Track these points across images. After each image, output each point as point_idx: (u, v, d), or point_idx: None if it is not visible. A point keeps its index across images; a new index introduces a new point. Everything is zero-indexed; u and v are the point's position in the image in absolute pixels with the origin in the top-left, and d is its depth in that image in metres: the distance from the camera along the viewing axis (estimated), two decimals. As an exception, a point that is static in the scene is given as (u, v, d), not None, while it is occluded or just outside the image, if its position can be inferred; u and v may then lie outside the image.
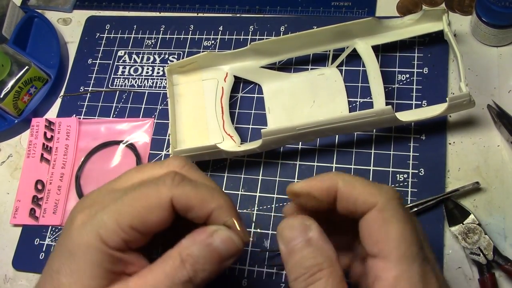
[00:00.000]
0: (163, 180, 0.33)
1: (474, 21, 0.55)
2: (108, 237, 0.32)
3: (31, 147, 0.61)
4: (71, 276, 0.32)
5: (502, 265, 0.45)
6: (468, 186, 0.49)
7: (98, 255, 0.32)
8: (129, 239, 0.32)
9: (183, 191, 0.33)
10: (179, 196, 0.32)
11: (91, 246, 0.32)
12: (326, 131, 0.49)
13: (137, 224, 0.32)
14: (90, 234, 0.32)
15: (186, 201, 0.33)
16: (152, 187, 0.33)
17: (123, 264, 0.33)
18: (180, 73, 0.59)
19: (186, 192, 0.33)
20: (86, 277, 0.31)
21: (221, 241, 0.33)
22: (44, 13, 0.71)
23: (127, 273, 0.33)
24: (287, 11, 0.63)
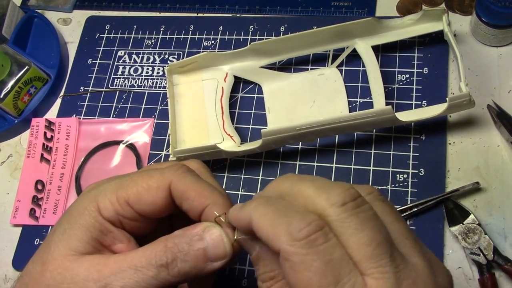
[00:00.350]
0: (169, 167, 0.34)
1: (474, 21, 0.55)
2: (103, 206, 0.33)
3: (31, 147, 0.61)
4: (62, 234, 0.33)
5: (502, 265, 0.45)
6: (468, 186, 0.49)
7: (90, 220, 0.33)
8: (122, 213, 0.33)
9: (183, 179, 0.33)
10: (178, 182, 0.33)
11: (86, 210, 0.33)
12: (326, 131, 0.49)
13: (133, 201, 0.33)
14: (89, 199, 0.33)
15: (183, 189, 0.33)
16: (157, 171, 0.34)
17: (111, 239, 0.34)
18: (180, 73, 0.59)
19: (186, 181, 0.33)
20: (73, 238, 0.33)
21: (210, 239, 0.32)
22: (44, 13, 0.71)
23: (113, 250, 0.34)
24: (287, 11, 0.63)
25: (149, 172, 0.34)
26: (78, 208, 0.33)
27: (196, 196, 0.33)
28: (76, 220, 0.33)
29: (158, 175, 0.33)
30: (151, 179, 0.33)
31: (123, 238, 0.34)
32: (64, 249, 0.32)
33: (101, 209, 0.33)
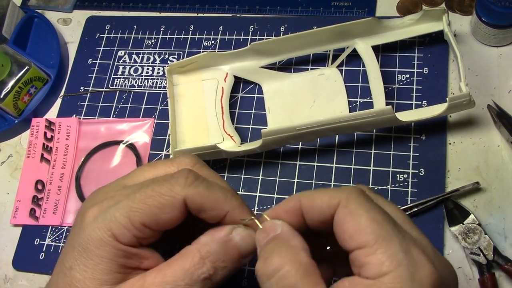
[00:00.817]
0: (177, 179, 0.32)
1: (474, 21, 0.55)
2: (120, 233, 0.32)
3: (31, 147, 0.61)
4: (85, 271, 0.32)
5: (502, 265, 0.45)
6: (468, 186, 0.49)
7: (111, 250, 0.32)
8: (141, 236, 0.32)
9: (197, 192, 0.32)
10: (192, 196, 0.32)
11: (103, 241, 0.32)
12: (326, 131, 0.49)
13: (149, 222, 0.32)
14: (102, 229, 0.32)
15: (200, 202, 0.32)
16: (166, 185, 0.32)
17: (137, 259, 0.33)
18: (180, 73, 0.59)
19: (200, 193, 0.32)
20: (100, 272, 0.31)
21: (240, 238, 0.33)
22: (44, 13, 0.71)
23: (142, 268, 0.33)
24: (287, 11, 0.63)
25: (155, 187, 0.32)
26: (92, 241, 0.32)
27: (212, 205, 0.33)
28: (95, 254, 0.32)
29: (169, 192, 0.32)
30: (163, 198, 0.32)
31: (146, 254, 0.33)
32: (94, 286, 0.31)
33: (118, 237, 0.32)
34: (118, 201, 0.33)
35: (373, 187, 0.51)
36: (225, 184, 0.35)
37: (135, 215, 0.32)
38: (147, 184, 0.33)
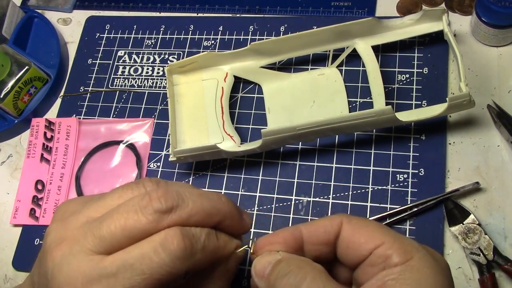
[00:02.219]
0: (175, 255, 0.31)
1: (474, 21, 0.55)
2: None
3: (31, 147, 0.61)
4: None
5: (502, 265, 0.45)
6: (468, 186, 0.49)
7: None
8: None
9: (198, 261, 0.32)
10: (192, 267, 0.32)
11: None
12: (326, 131, 0.49)
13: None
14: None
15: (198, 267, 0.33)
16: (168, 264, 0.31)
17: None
18: (180, 73, 0.59)
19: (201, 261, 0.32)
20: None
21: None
22: (44, 13, 0.71)
23: None
24: (287, 11, 0.63)
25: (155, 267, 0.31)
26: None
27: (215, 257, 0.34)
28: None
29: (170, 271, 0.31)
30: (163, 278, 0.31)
31: None
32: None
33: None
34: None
35: (373, 187, 0.51)
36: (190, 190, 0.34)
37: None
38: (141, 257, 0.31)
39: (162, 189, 0.32)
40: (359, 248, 0.32)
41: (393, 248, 0.31)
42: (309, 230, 0.34)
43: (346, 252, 0.33)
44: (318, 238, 0.33)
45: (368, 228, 0.32)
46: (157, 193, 0.32)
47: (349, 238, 0.32)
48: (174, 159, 0.52)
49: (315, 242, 0.34)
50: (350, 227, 0.33)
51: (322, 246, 0.34)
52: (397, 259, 0.30)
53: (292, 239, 0.34)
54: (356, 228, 0.33)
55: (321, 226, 0.34)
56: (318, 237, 0.33)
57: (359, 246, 0.32)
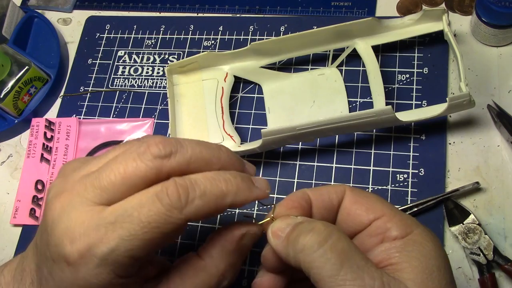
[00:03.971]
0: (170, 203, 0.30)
1: (474, 21, 0.55)
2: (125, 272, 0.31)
3: (31, 147, 0.61)
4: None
5: (502, 265, 0.45)
6: (468, 186, 0.49)
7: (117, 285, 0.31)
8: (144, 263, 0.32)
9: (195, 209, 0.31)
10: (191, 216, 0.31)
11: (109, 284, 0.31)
12: (326, 131, 0.49)
13: (153, 251, 0.31)
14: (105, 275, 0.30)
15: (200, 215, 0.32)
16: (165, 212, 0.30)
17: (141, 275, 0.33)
18: (180, 73, 0.59)
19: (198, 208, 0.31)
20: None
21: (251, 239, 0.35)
22: (44, 13, 0.71)
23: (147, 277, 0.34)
24: (287, 11, 0.63)
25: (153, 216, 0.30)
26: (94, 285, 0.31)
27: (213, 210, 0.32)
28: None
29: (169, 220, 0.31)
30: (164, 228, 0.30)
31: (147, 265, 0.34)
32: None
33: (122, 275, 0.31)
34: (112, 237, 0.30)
35: (373, 187, 0.51)
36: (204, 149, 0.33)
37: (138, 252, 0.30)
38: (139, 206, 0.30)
39: (159, 137, 0.32)
40: (359, 218, 0.33)
41: (393, 221, 0.32)
42: (315, 195, 0.34)
43: (347, 220, 0.33)
44: (323, 204, 0.34)
45: (369, 199, 0.33)
46: (154, 140, 0.32)
47: (351, 207, 0.33)
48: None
49: (320, 206, 0.34)
50: (352, 196, 0.33)
51: (325, 211, 0.34)
52: (396, 232, 0.31)
53: (304, 203, 0.34)
54: (358, 198, 0.33)
55: (326, 192, 0.34)
56: (323, 203, 0.34)
57: (359, 215, 0.33)
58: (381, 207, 0.33)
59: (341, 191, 0.34)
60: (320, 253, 0.29)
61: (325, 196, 0.34)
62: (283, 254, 0.32)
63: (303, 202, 0.34)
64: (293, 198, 0.34)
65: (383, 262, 0.31)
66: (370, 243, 0.32)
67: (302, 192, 0.35)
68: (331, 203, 0.34)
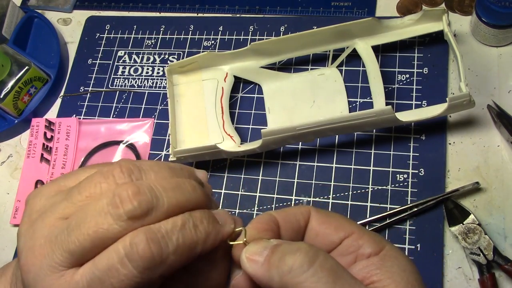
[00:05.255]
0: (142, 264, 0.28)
1: (474, 21, 0.55)
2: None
3: (31, 147, 0.61)
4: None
5: (502, 265, 0.45)
6: (468, 186, 0.49)
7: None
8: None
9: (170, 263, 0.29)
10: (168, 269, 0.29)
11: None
12: (326, 131, 0.49)
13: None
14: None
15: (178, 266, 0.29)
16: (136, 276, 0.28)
17: None
18: (180, 73, 0.59)
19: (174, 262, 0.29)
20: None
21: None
22: (44, 13, 0.71)
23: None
24: (287, 11, 0.63)
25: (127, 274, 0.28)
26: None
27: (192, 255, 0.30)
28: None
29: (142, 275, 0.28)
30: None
31: None
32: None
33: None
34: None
35: (373, 187, 0.51)
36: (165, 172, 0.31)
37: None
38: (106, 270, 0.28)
39: (133, 187, 0.28)
40: (329, 237, 0.32)
41: (363, 238, 0.31)
42: (282, 217, 0.33)
43: (315, 240, 0.33)
44: (290, 225, 0.33)
45: (336, 219, 0.33)
46: (127, 193, 0.28)
47: (319, 227, 0.33)
48: (174, 159, 0.52)
49: (288, 228, 0.33)
50: (319, 217, 0.33)
51: (293, 233, 0.33)
52: (369, 249, 0.31)
53: (274, 225, 0.33)
54: (325, 218, 0.33)
55: (292, 214, 0.33)
56: (291, 224, 0.33)
57: (329, 234, 0.32)
58: (349, 225, 0.32)
59: (306, 212, 0.33)
60: (311, 273, 0.28)
61: (291, 217, 0.33)
62: (265, 279, 0.30)
63: (272, 225, 0.32)
64: (262, 221, 0.33)
65: (364, 281, 0.30)
66: (343, 262, 0.31)
67: (269, 214, 0.33)
68: (298, 224, 0.33)
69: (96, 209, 0.29)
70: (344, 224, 0.32)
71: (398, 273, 0.30)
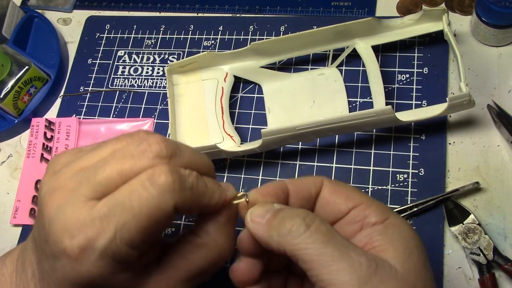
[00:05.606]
0: (163, 188, 0.30)
1: (474, 21, 0.55)
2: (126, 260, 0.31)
3: (31, 147, 0.61)
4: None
5: (502, 265, 0.45)
6: (468, 186, 0.49)
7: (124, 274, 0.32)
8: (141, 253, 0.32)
9: (185, 198, 0.32)
10: (181, 204, 0.31)
11: (113, 273, 0.31)
12: (326, 131, 0.49)
13: (148, 238, 0.31)
14: (107, 266, 0.31)
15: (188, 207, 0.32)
16: (156, 197, 0.30)
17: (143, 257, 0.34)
18: (180, 73, 0.59)
19: (187, 198, 0.32)
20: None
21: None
22: (44, 13, 0.71)
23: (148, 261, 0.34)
24: (287, 11, 0.63)
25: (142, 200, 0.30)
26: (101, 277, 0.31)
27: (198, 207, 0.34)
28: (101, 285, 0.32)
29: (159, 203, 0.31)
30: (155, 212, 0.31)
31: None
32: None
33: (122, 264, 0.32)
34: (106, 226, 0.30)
35: (373, 187, 0.51)
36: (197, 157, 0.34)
37: (134, 240, 0.30)
38: (130, 193, 0.30)
39: (160, 136, 0.33)
40: (338, 206, 0.34)
41: (371, 208, 0.33)
42: (294, 185, 0.36)
43: (325, 208, 0.35)
44: (301, 194, 0.35)
45: (348, 189, 0.35)
46: (156, 138, 0.32)
47: (330, 196, 0.35)
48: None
49: (299, 197, 0.35)
50: (331, 186, 0.35)
51: (303, 201, 0.35)
52: (375, 218, 0.33)
53: (281, 193, 0.35)
54: (337, 187, 0.35)
55: (305, 183, 0.35)
56: (302, 193, 0.35)
57: (338, 204, 0.34)
58: (359, 196, 0.34)
59: (319, 182, 0.35)
60: (307, 235, 0.31)
61: (303, 186, 0.35)
62: (264, 238, 0.33)
63: (279, 191, 0.35)
64: (270, 186, 0.36)
65: (366, 246, 0.32)
66: (350, 230, 0.34)
67: (280, 182, 0.36)
68: (309, 194, 0.35)
69: (124, 152, 0.32)
70: (354, 194, 0.34)
71: (398, 239, 0.32)
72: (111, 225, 0.30)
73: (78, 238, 0.30)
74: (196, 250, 0.34)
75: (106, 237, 0.30)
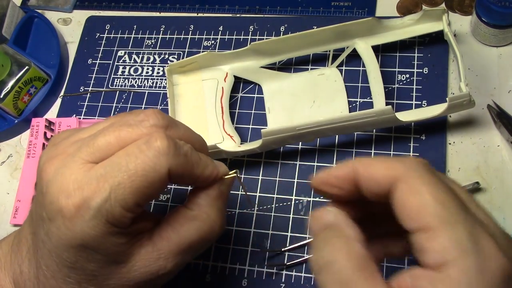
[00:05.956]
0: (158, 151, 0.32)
1: (474, 21, 0.55)
2: (119, 222, 0.32)
3: (31, 147, 0.61)
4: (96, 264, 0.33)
5: (502, 265, 0.45)
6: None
7: (116, 239, 0.32)
8: (134, 215, 0.33)
9: (178, 163, 0.33)
10: (175, 169, 0.32)
11: (106, 235, 0.32)
12: (326, 131, 0.49)
13: (142, 201, 0.32)
14: (101, 226, 0.31)
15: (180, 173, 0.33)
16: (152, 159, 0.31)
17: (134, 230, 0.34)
18: (180, 73, 0.59)
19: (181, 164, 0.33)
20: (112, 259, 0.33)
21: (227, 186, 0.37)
22: (44, 13, 0.71)
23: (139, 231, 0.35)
24: (287, 11, 0.63)
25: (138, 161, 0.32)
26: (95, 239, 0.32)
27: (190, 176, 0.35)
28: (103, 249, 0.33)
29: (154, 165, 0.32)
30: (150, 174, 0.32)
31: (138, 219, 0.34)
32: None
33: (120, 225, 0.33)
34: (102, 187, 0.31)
35: (373, 187, 0.51)
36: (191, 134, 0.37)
37: (128, 201, 0.31)
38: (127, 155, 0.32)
39: (159, 110, 0.34)
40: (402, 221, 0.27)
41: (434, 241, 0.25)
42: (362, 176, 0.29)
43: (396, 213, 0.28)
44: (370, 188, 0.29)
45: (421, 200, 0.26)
46: (153, 110, 0.34)
47: (398, 204, 0.27)
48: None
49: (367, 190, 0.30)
50: (402, 190, 0.27)
51: (375, 196, 0.29)
52: (430, 259, 0.25)
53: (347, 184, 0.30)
54: (408, 194, 0.27)
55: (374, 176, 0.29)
56: (370, 187, 0.29)
57: (402, 220, 0.27)
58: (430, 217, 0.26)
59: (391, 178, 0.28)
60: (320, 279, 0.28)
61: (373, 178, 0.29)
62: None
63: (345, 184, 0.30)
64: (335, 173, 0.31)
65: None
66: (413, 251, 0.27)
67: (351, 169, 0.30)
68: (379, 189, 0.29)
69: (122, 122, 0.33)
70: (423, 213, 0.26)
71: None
72: (106, 184, 0.31)
73: (74, 197, 0.31)
74: (188, 222, 0.35)
75: (101, 197, 0.31)
